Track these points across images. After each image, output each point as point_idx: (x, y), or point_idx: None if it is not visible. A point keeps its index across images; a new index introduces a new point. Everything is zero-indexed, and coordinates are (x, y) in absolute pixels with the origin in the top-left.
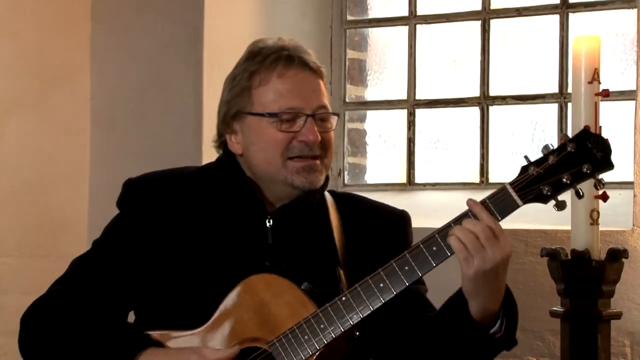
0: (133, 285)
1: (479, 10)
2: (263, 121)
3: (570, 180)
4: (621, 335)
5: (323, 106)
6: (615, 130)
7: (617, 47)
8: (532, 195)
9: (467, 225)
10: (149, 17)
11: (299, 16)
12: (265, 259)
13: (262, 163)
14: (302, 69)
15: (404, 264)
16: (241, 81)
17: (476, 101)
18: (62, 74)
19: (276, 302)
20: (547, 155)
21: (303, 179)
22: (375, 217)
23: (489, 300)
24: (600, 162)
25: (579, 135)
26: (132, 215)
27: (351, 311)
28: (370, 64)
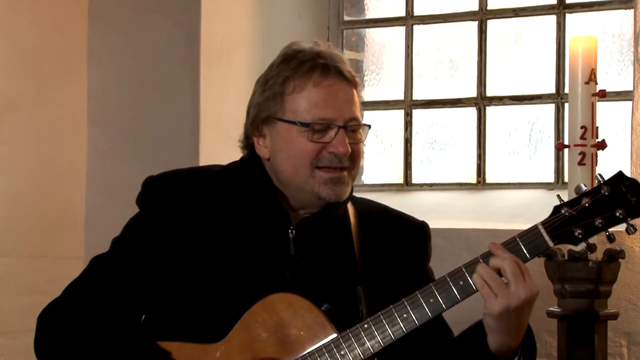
0: (151, 287)
1: (476, 11)
2: (294, 129)
3: (603, 225)
4: (618, 335)
5: (355, 118)
6: (612, 130)
7: (613, 47)
8: (563, 237)
9: (492, 262)
10: (146, 17)
11: (295, 17)
12: (286, 270)
13: (289, 170)
14: (338, 80)
15: (430, 296)
16: (274, 85)
17: (473, 102)
18: (59, 74)
19: (296, 323)
20: (581, 196)
21: (330, 190)
22: (395, 229)
23: (509, 337)
24: (634, 207)
25: (614, 179)
26: (152, 214)
27: (372, 339)
28: (368, 64)
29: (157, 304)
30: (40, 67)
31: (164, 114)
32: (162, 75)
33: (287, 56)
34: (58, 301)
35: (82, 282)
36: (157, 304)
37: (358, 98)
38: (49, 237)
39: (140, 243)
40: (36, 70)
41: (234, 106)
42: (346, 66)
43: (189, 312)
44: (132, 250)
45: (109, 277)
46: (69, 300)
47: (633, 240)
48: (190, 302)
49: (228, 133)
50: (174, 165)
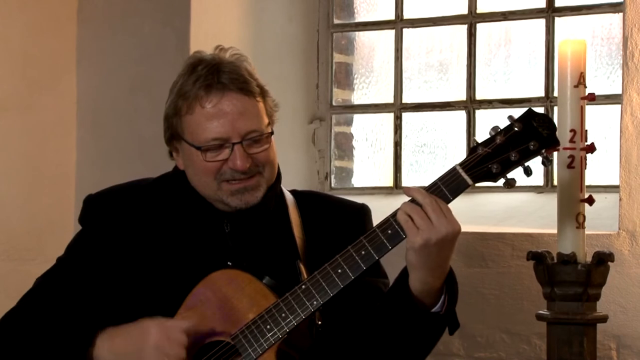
0: (97, 300)
1: (465, 14)
2: (192, 150)
3: (518, 158)
4: (607, 338)
5: (252, 130)
6: (601, 134)
7: (602, 51)
8: (481, 174)
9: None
10: (136, 20)
11: (285, 20)
12: (226, 260)
13: (199, 185)
14: (224, 94)
15: (361, 248)
16: (176, 101)
17: (462, 105)
18: (48, 77)
19: (238, 296)
20: (495, 135)
21: (238, 200)
22: (335, 211)
23: (430, 274)
24: (546, 139)
25: (525, 115)
26: (93, 231)
27: (311, 298)
28: (357, 67)
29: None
30: (29, 70)
31: (154, 117)
32: (152, 78)
33: (188, 67)
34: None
35: (30, 298)
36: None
37: (259, 104)
38: (38, 240)
39: (82, 259)
40: (25, 72)
41: None
42: (238, 77)
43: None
44: (75, 265)
45: (53, 292)
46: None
47: (622, 243)
48: (140, 305)
49: None
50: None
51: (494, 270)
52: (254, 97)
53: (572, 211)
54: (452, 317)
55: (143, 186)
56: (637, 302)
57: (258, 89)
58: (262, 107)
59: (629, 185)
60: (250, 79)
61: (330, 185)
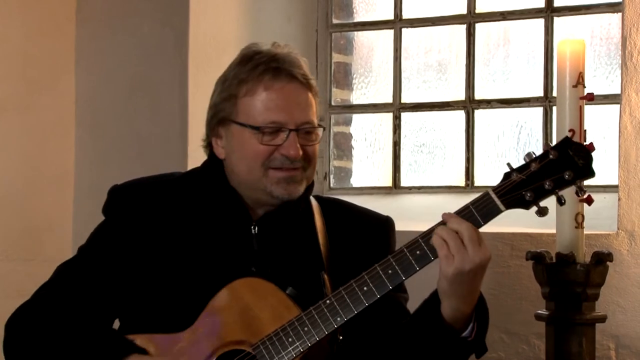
0: (118, 292)
1: (464, 14)
2: (246, 131)
3: (552, 187)
4: (606, 338)
5: (308, 121)
6: (599, 133)
7: (601, 50)
8: (514, 201)
9: (451, 225)
10: (134, 20)
11: (284, 20)
12: (251, 265)
13: (243, 171)
14: (289, 82)
15: (388, 267)
16: (230, 87)
17: (461, 105)
18: (47, 77)
19: (260, 305)
20: (530, 162)
21: (282, 189)
22: (359, 223)
23: (462, 302)
24: (582, 169)
25: (561, 143)
26: (117, 222)
27: (335, 314)
28: (356, 67)
29: (128, 307)
30: (28, 70)
31: (152, 116)
32: (150, 78)
33: (244, 57)
34: (26, 307)
35: (49, 288)
36: (127, 306)
37: (314, 101)
38: (37, 240)
39: (105, 249)
40: (24, 73)
41: None
42: (301, 69)
43: (158, 311)
44: (97, 256)
45: (75, 282)
46: (36, 305)
47: (621, 243)
48: (160, 301)
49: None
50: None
51: (492, 270)
52: (312, 92)
53: (571, 211)
54: (481, 342)
55: (170, 180)
56: (636, 302)
57: (314, 87)
58: (315, 104)
59: (627, 185)
60: (310, 74)
61: (329, 185)
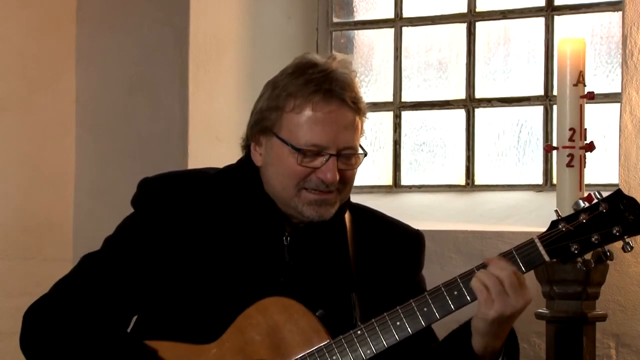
0: (142, 288)
1: (464, 13)
2: (286, 148)
3: (600, 241)
4: (606, 337)
5: (350, 146)
6: (600, 132)
7: (602, 49)
8: (559, 252)
9: (492, 269)
10: (135, 19)
11: (284, 19)
12: (280, 275)
13: (277, 186)
14: (338, 107)
15: (424, 305)
16: (278, 98)
17: (462, 104)
18: (48, 76)
19: (290, 327)
20: (579, 212)
21: (313, 211)
22: (390, 236)
23: (495, 339)
24: (632, 225)
25: (613, 196)
26: (146, 216)
27: (364, 345)
28: (356, 66)
29: (150, 305)
30: (28, 69)
31: (153, 115)
32: (151, 77)
33: (297, 68)
34: (46, 298)
35: (72, 280)
36: (150, 304)
37: (361, 124)
38: (37, 239)
39: (132, 243)
40: (24, 72)
41: (222, 108)
42: (352, 92)
43: (182, 313)
44: (124, 250)
45: (99, 276)
46: (57, 297)
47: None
48: (184, 303)
49: (217, 135)
50: (163, 167)
51: None
52: (359, 115)
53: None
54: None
55: (204, 176)
56: (636, 301)
57: (363, 109)
58: (360, 127)
59: (628, 183)
60: (360, 96)
61: None
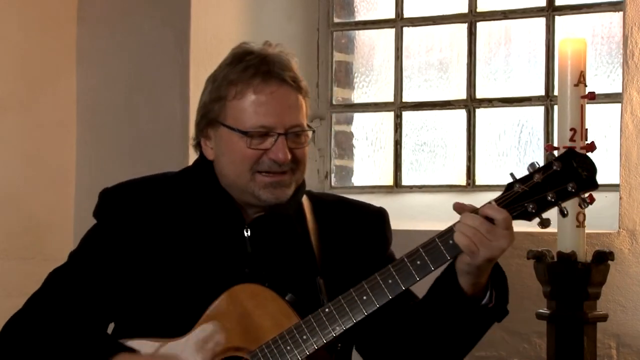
0: (112, 297)
1: (465, 13)
2: (234, 135)
3: (555, 199)
4: (607, 337)
5: (297, 124)
6: (601, 132)
7: (602, 49)
8: (516, 212)
9: (466, 221)
10: (136, 18)
11: (285, 19)
12: (244, 266)
13: (231, 174)
14: (279, 86)
15: (388, 277)
16: (219, 88)
17: (463, 104)
18: (48, 76)
19: (260, 312)
20: (533, 173)
21: (269, 193)
22: (352, 217)
23: (481, 276)
24: (585, 181)
25: (565, 155)
26: (108, 225)
27: (334, 323)
28: (357, 66)
29: (123, 311)
30: (28, 69)
31: (154, 115)
32: (152, 76)
33: (234, 57)
34: (18, 316)
35: (41, 297)
36: (122, 310)
37: (304, 102)
38: (38, 239)
39: (97, 253)
40: (25, 71)
41: None
42: (291, 71)
43: (154, 315)
44: (89, 261)
45: (67, 289)
46: (29, 314)
47: (622, 242)
48: (154, 305)
49: None
50: (164, 167)
51: None
52: (301, 94)
53: (572, 210)
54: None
55: (162, 180)
56: (637, 301)
57: (304, 88)
58: (304, 105)
59: (629, 184)
60: (300, 76)
61: (330, 184)
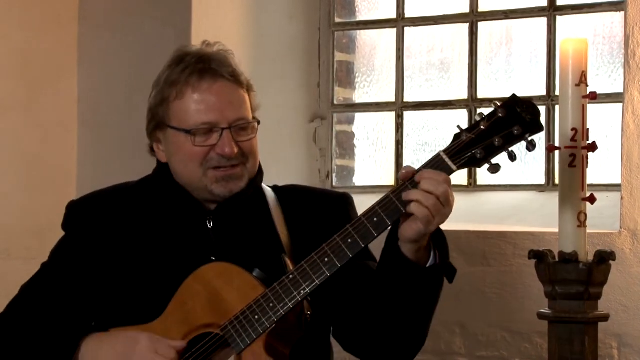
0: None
1: (466, 13)
2: (180, 135)
3: (502, 143)
4: (608, 337)
5: (241, 117)
6: (602, 132)
7: (604, 49)
8: (465, 160)
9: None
10: (137, 18)
11: (286, 19)
12: (210, 255)
13: (185, 174)
14: (216, 81)
15: (347, 237)
16: (162, 90)
17: (464, 104)
18: (49, 75)
19: (227, 288)
20: (479, 122)
21: (222, 187)
22: (316, 203)
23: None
24: (530, 124)
25: (509, 102)
26: (76, 235)
27: (298, 287)
28: (359, 66)
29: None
30: (30, 69)
31: None
32: (153, 76)
33: (174, 60)
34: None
35: (14, 308)
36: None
37: (247, 95)
38: (39, 240)
39: (66, 262)
40: (26, 71)
41: None
42: (229, 67)
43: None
44: (59, 270)
45: (40, 299)
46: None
47: (624, 242)
48: (127, 301)
49: None
50: None
51: (495, 269)
52: (242, 87)
53: (574, 210)
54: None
55: (125, 189)
56: (639, 301)
57: (245, 82)
58: (248, 99)
59: (630, 184)
60: (239, 70)
61: (331, 184)
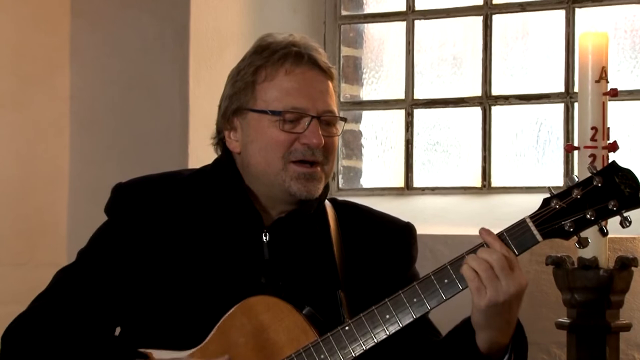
0: (121, 299)
1: (480, 5)
2: (265, 119)
3: (595, 217)
4: (630, 348)
5: (330, 110)
6: (624, 131)
7: (625, 44)
8: (553, 231)
9: (481, 254)
10: (133, 12)
11: (290, 12)
12: (260, 274)
13: (261, 163)
14: (311, 68)
15: (413, 295)
16: (245, 75)
17: (478, 101)
18: (41, 72)
19: (275, 327)
20: (572, 188)
21: (301, 186)
22: (378, 230)
23: (498, 333)
24: (628, 198)
25: (607, 169)
26: (121, 223)
27: (354, 342)
28: (366, 61)
29: (132, 314)
30: (21, 65)
31: (151, 114)
32: (149, 73)
33: (260, 47)
34: (24, 316)
35: (49, 296)
36: (131, 313)
37: (334, 91)
38: (30, 244)
39: (107, 253)
40: (17, 68)
41: None
42: (322, 56)
43: (163, 320)
44: (99, 261)
45: (76, 289)
46: (36, 315)
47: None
48: (165, 310)
49: None
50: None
51: None
52: (332, 82)
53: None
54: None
55: (179, 178)
56: None
57: (336, 77)
58: (335, 95)
59: None
60: (330, 63)
61: (338, 185)
